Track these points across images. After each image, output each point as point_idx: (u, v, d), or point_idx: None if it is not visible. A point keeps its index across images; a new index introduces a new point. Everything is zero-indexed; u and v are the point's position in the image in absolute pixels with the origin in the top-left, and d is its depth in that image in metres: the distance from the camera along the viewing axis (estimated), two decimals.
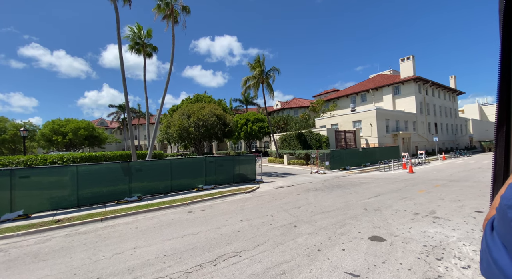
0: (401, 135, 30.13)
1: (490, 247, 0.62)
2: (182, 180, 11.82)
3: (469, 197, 8.67)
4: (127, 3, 15.90)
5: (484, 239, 0.67)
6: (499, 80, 0.91)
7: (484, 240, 0.67)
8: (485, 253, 0.65)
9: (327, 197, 9.53)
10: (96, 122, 60.76)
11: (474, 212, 6.84)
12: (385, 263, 4.06)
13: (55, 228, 6.92)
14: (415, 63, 34.56)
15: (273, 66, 25.67)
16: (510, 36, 0.89)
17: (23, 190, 8.26)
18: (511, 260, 0.55)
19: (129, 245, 5.38)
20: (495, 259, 0.59)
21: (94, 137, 38.51)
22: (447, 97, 42.08)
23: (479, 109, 55.86)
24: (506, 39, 0.89)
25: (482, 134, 48.92)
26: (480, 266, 0.67)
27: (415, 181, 12.64)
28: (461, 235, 5.19)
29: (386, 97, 36.44)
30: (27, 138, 36.48)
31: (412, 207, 7.59)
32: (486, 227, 0.69)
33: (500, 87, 0.92)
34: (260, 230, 5.95)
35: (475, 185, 10.99)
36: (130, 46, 19.05)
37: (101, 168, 9.92)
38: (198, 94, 40.84)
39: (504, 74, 0.91)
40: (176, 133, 19.86)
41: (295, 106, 51.08)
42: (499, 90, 0.92)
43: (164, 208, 8.81)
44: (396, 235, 5.30)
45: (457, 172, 15.69)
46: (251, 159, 14.82)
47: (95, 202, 9.51)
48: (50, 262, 4.66)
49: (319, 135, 25.39)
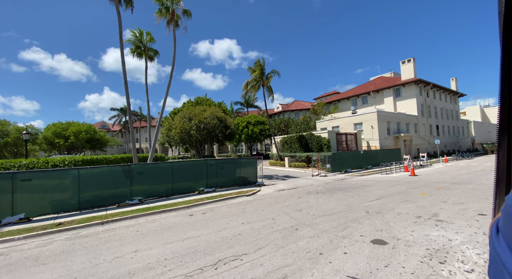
0: (402, 138, 30.05)
1: (497, 249, 0.61)
2: (183, 183, 11.81)
3: (472, 199, 8.60)
4: (129, 7, 16.07)
5: (491, 242, 0.66)
6: (501, 83, 0.90)
7: (491, 243, 0.66)
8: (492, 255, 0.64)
9: (329, 200, 9.48)
10: (97, 125, 60.98)
11: (478, 215, 6.78)
12: (388, 266, 4.02)
13: (56, 231, 6.91)
14: (416, 65, 34.60)
15: (273, 69, 25.78)
16: (510, 38, 0.89)
17: (25, 193, 8.27)
18: None
19: (130, 248, 5.36)
20: (501, 261, 0.58)
21: (96, 140, 38.65)
22: (448, 99, 42.02)
23: (480, 111, 55.70)
24: (506, 41, 0.89)
25: (484, 136, 48.71)
26: (488, 268, 0.67)
27: (417, 184, 12.57)
28: (465, 238, 5.13)
29: (387, 100, 36.44)
30: (29, 141, 36.66)
31: (415, 210, 7.54)
32: (492, 229, 0.67)
33: (502, 89, 0.91)
34: (262, 233, 5.91)
35: (478, 187, 10.91)
36: (132, 50, 19.20)
37: (102, 171, 9.93)
38: (199, 97, 40.96)
39: (505, 77, 0.91)
40: (178, 136, 19.91)
41: (296, 109, 51.11)
42: (500, 93, 0.92)
43: (165, 211, 8.79)
44: (398, 238, 5.26)
45: (459, 175, 15.59)
46: (252, 162, 14.80)
47: (96, 205, 9.50)
48: (51, 266, 4.65)
49: (320, 137, 25.37)
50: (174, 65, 17.09)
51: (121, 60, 14.88)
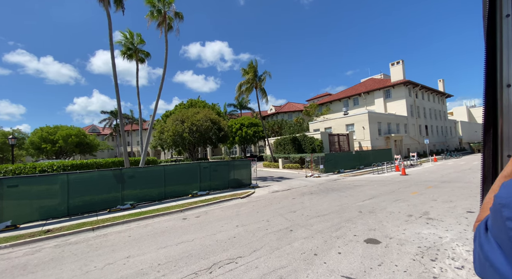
0: (393, 138, 30.63)
1: (484, 247, 0.61)
2: (176, 187, 11.66)
3: (460, 197, 8.83)
4: (120, 9, 15.88)
5: (478, 240, 0.66)
6: (485, 84, 0.94)
7: (477, 241, 0.66)
8: (479, 254, 0.64)
9: (323, 201, 9.55)
10: (87, 129, 59.69)
11: (466, 212, 6.96)
12: (381, 265, 4.07)
13: (45, 238, 6.70)
14: (404, 67, 35.46)
15: (265, 70, 25.96)
16: (494, 40, 0.93)
17: (11, 200, 7.99)
18: (506, 259, 0.55)
19: (122, 254, 5.25)
20: (490, 260, 0.58)
21: (85, 144, 37.77)
22: (436, 100, 43.16)
23: (467, 111, 57.45)
24: (490, 43, 0.93)
25: (471, 135, 50.20)
26: (474, 266, 0.67)
27: (408, 183, 12.81)
28: (454, 235, 5.26)
29: (378, 101, 37.13)
30: (16, 146, 35.52)
31: (406, 208, 7.68)
32: (480, 228, 0.67)
33: (486, 90, 0.95)
34: (256, 236, 5.90)
35: (466, 185, 11.22)
36: (122, 52, 18.95)
37: (93, 176, 9.70)
38: (192, 99, 40.73)
39: (490, 77, 0.94)
40: (170, 139, 19.68)
41: (289, 110, 51.45)
42: (485, 93, 0.95)
43: (158, 216, 8.65)
44: (391, 237, 5.34)
45: (448, 174, 15.99)
46: (246, 164, 14.77)
47: (87, 210, 9.26)
48: (40, 274, 4.50)
49: (313, 138, 25.57)
50: (166, 68, 16.96)
51: (112, 62, 14.65)
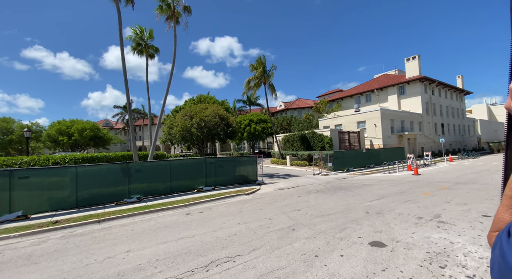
0: (406, 136, 29.60)
1: (507, 254, 0.60)
2: (182, 181, 11.73)
3: (476, 200, 8.36)
4: (130, 4, 15.95)
5: (498, 247, 0.65)
6: (510, 79, 0.83)
7: (497, 249, 0.65)
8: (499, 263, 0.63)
9: (328, 200, 9.32)
10: (101, 123, 61.37)
11: (481, 216, 6.56)
12: (385, 270, 3.86)
13: (52, 229, 6.88)
14: (421, 62, 33.97)
15: (272, 64, 25.62)
16: None
17: (23, 191, 8.26)
18: None
19: (122, 248, 5.28)
20: None
21: (99, 138, 38.83)
22: (454, 97, 41.27)
23: (487, 110, 54.66)
24: None
25: (491, 135, 47.83)
26: (491, 275, 0.66)
27: (420, 183, 12.31)
28: (467, 241, 4.94)
29: (391, 98, 35.91)
30: (34, 139, 37.02)
31: (416, 210, 7.33)
32: (503, 233, 0.66)
33: None
34: (257, 234, 5.79)
35: (483, 187, 10.63)
36: (133, 47, 19.10)
37: (101, 169, 9.89)
38: (201, 94, 40.87)
39: None
40: (179, 134, 19.83)
41: (299, 107, 50.78)
42: None
43: (163, 210, 8.72)
44: (398, 240, 5.08)
45: (464, 174, 15.26)
46: (252, 160, 14.67)
47: (95, 203, 9.47)
48: (42, 265, 4.59)
49: (322, 136, 25.10)
50: (175, 63, 16.98)
51: (121, 57, 14.79)
